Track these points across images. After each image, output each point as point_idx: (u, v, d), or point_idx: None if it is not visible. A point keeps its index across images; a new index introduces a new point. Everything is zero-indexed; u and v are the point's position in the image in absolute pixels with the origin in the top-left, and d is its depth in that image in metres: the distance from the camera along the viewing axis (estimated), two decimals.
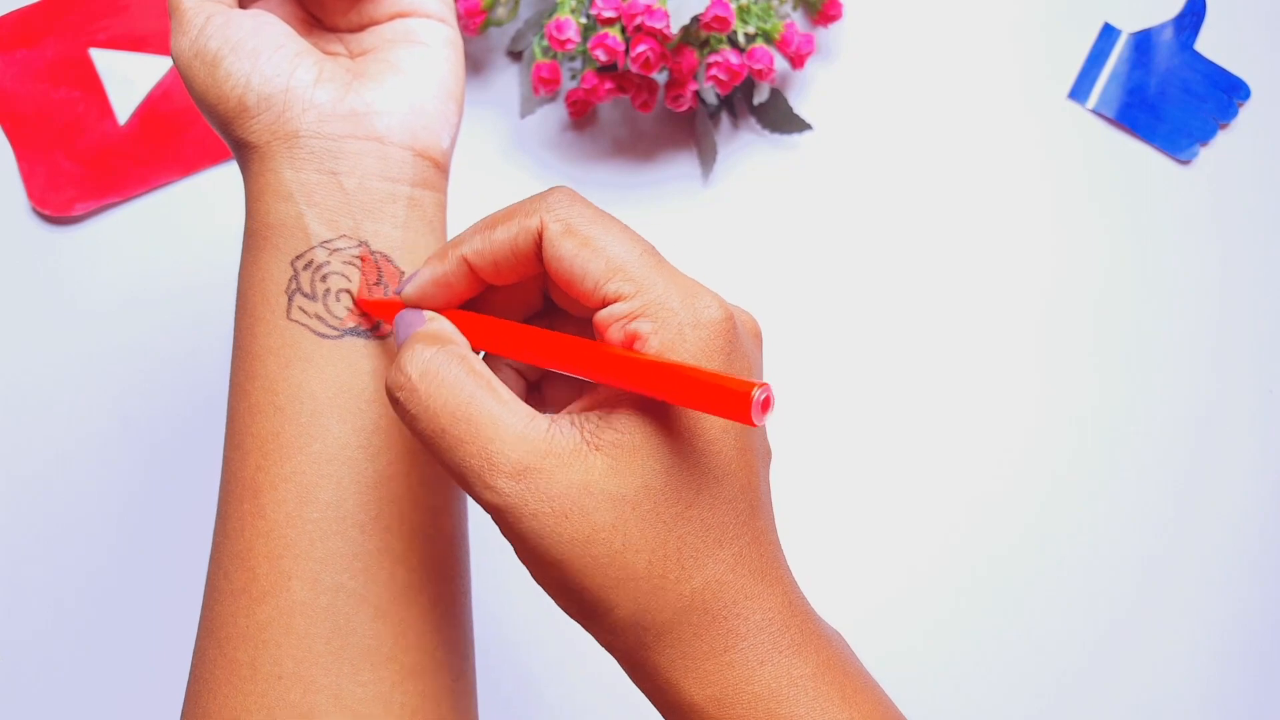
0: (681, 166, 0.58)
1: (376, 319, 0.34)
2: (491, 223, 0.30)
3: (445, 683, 0.33)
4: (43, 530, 0.53)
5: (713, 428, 0.28)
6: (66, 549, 0.53)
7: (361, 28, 0.37)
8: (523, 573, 0.29)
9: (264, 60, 0.34)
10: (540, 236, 0.28)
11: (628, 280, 0.28)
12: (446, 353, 0.29)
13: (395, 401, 0.29)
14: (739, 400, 0.24)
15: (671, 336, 0.27)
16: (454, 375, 0.28)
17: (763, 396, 0.24)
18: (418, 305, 0.32)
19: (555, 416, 0.28)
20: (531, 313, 0.33)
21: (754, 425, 0.24)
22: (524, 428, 0.27)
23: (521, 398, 0.32)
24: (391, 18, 0.37)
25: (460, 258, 0.30)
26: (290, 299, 0.33)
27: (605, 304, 0.28)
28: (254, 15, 0.35)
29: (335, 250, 0.34)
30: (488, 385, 0.28)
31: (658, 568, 0.27)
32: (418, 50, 0.36)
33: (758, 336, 0.31)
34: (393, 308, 0.32)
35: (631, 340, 0.27)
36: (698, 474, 0.28)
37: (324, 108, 0.34)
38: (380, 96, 0.35)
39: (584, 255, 0.28)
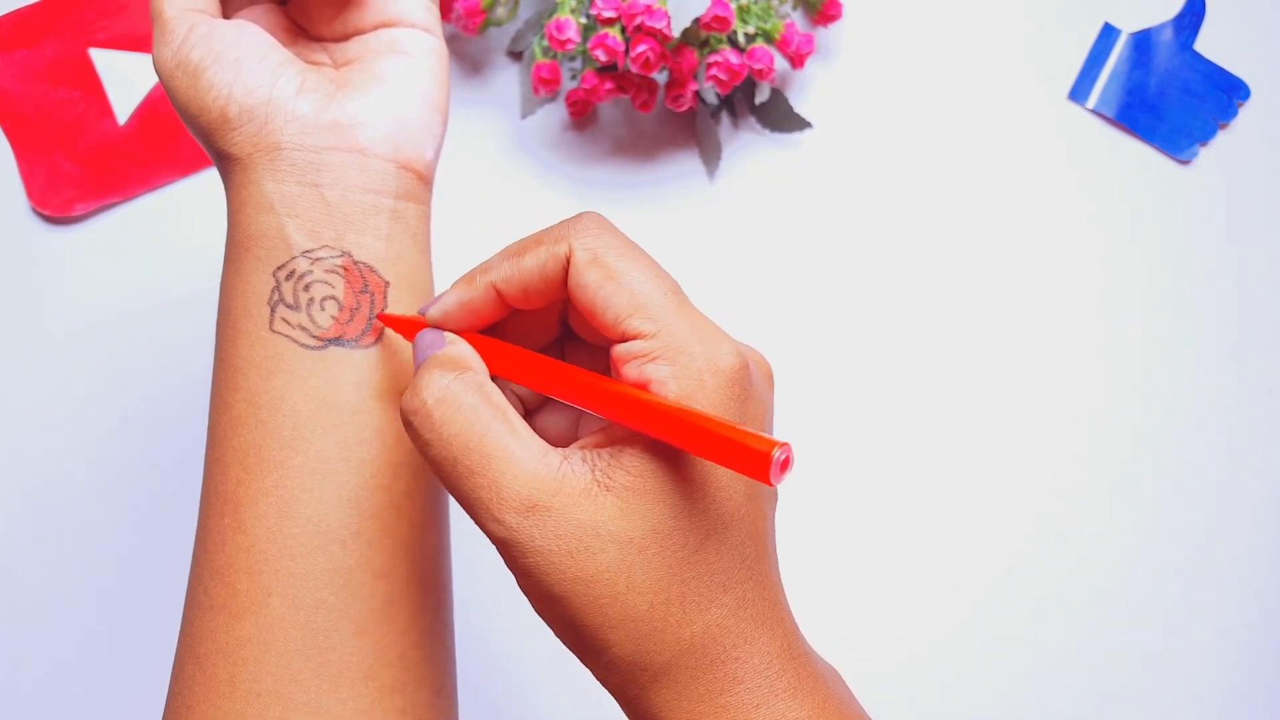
0: (682, 166, 0.58)
1: (360, 329, 0.34)
2: (520, 249, 0.30)
3: (426, 699, 0.33)
4: (42, 532, 0.53)
5: (724, 474, 0.28)
6: (66, 549, 0.53)
7: (346, 37, 0.37)
8: (508, 587, 0.29)
9: (246, 71, 0.33)
10: (568, 263, 0.28)
11: (649, 319, 0.28)
12: (464, 380, 0.28)
13: (409, 425, 0.29)
14: (759, 460, 0.24)
15: (691, 383, 0.27)
16: (470, 404, 0.28)
17: (783, 457, 0.24)
18: (440, 326, 0.31)
19: (567, 452, 0.28)
20: (549, 339, 0.33)
21: (771, 485, 0.24)
22: (536, 464, 0.27)
23: None
24: (376, 27, 0.36)
25: (489, 284, 0.30)
26: (273, 310, 0.33)
27: (625, 339, 0.28)
28: (237, 25, 0.35)
29: (317, 259, 0.33)
30: (503, 417, 0.28)
31: (659, 610, 0.27)
32: (402, 61, 0.36)
33: (770, 379, 0.30)
34: (413, 326, 0.32)
35: (647, 382, 0.27)
36: (706, 519, 0.28)
37: (306, 119, 0.33)
38: (363, 108, 0.34)
39: (608, 288, 0.28)
